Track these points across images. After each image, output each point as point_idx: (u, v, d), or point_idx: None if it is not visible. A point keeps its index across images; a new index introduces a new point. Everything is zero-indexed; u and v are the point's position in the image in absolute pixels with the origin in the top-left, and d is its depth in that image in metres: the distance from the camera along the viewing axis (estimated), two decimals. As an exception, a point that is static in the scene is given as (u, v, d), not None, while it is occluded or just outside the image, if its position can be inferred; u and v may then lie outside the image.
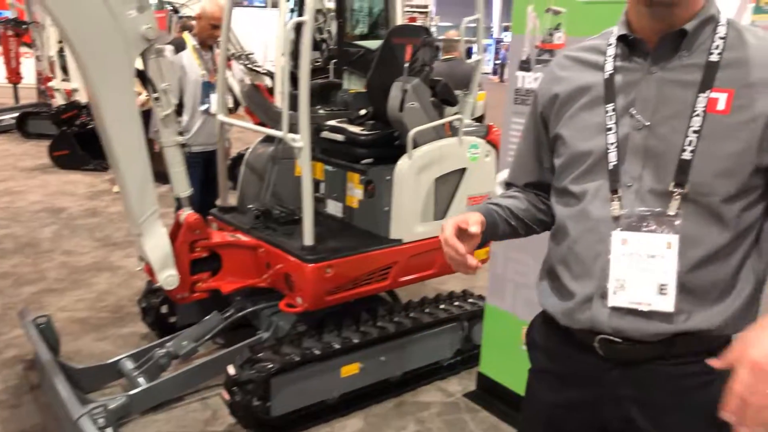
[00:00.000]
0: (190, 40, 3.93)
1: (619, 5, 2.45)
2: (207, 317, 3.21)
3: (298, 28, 2.94)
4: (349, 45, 5.93)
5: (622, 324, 1.23)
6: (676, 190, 1.18)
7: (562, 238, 1.34)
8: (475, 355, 3.28)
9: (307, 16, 2.65)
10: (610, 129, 1.25)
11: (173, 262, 2.89)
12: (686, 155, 1.17)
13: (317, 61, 6.91)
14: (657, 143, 1.21)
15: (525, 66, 2.74)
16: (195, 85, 3.91)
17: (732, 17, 1.24)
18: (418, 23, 13.51)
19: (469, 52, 8.95)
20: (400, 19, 6.27)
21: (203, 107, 3.94)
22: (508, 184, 1.57)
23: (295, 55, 2.95)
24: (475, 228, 1.29)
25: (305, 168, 2.80)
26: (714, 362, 1.07)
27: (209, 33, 3.86)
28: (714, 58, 1.18)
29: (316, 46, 7.46)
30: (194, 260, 3.01)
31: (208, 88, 3.90)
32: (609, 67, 1.28)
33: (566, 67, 1.37)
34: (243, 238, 3.19)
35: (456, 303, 3.40)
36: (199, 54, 3.92)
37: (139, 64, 2.60)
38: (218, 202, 3.59)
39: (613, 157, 1.24)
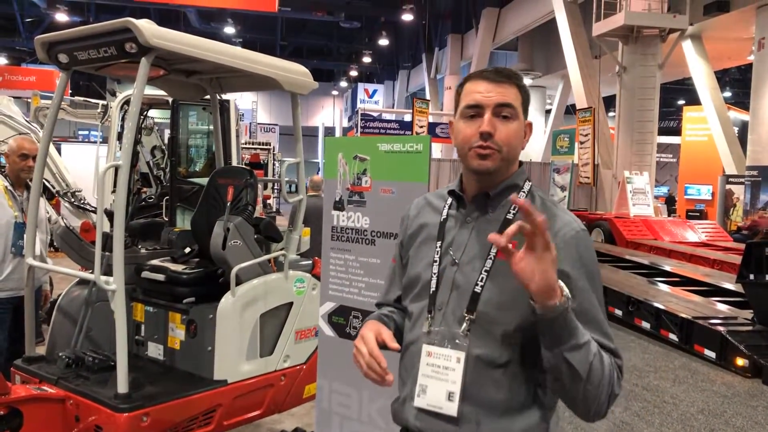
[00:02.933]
0: (1, 181, 3.75)
1: (412, 154, 2.76)
2: (1, 486, 2.83)
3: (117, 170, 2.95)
4: (182, 182, 6.00)
5: (423, 423, 1.49)
6: (467, 315, 1.46)
7: (403, 351, 1.60)
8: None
9: (122, 161, 2.68)
10: (435, 262, 1.56)
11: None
12: (477, 288, 1.47)
13: (150, 198, 6.86)
14: (461, 277, 1.51)
15: (339, 206, 2.95)
16: (7, 227, 3.69)
17: (535, 185, 1.59)
18: (262, 159, 13.98)
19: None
20: (235, 158, 6.48)
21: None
22: (382, 305, 1.79)
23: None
24: (395, 345, 1.50)
25: (119, 311, 2.71)
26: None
27: (20, 166, 3.71)
28: (510, 216, 1.51)
29: (151, 182, 7.43)
30: (-11, 420, 2.70)
31: (22, 229, 3.69)
32: (444, 213, 1.62)
33: (420, 207, 1.71)
34: (49, 390, 2.93)
35: (287, 442, 3.31)
36: (11, 195, 3.74)
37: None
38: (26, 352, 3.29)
39: (433, 285, 1.54)
